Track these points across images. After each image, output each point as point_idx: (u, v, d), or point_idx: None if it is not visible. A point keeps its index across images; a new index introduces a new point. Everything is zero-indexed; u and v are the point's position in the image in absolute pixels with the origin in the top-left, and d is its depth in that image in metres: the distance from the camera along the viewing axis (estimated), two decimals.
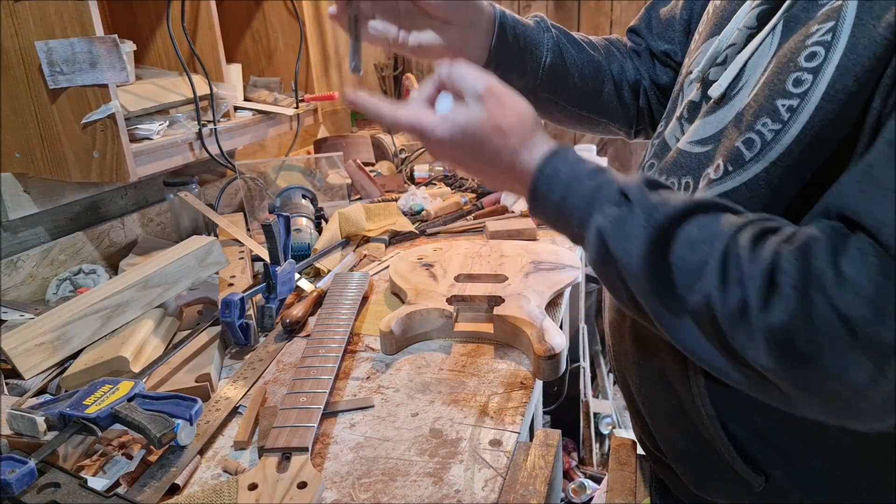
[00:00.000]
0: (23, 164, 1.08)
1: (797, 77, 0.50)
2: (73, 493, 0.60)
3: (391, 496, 0.63)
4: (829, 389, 0.43)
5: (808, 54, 0.49)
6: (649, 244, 0.49)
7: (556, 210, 0.56)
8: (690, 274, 0.47)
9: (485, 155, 0.58)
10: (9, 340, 0.82)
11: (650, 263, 0.49)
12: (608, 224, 0.52)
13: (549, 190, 0.56)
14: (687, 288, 0.48)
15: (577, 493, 1.81)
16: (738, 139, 0.54)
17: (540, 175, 0.57)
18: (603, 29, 2.49)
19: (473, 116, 0.57)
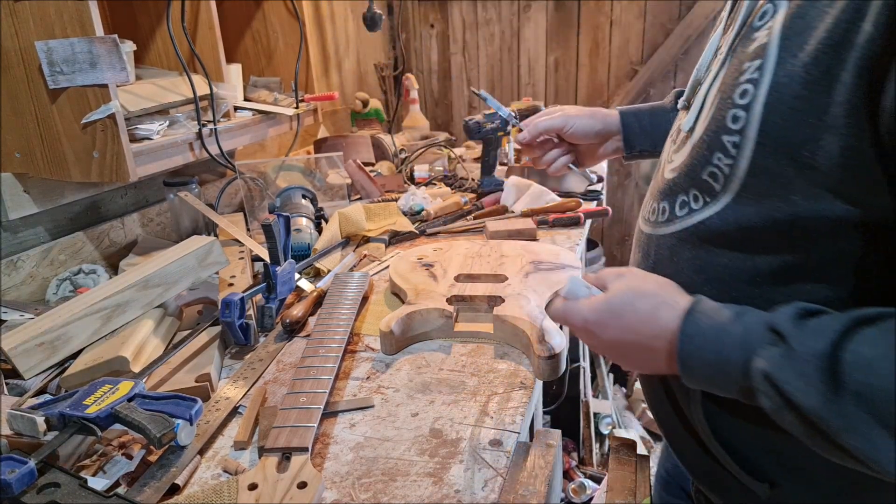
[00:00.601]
0: (23, 164, 1.08)
1: (734, 114, 0.52)
2: (73, 494, 0.60)
3: (391, 496, 0.63)
4: None
5: (741, 92, 0.52)
6: (824, 377, 0.44)
7: (711, 367, 0.52)
8: (885, 392, 0.42)
9: (629, 320, 0.57)
10: (9, 340, 0.82)
11: (833, 399, 0.44)
12: (771, 367, 0.47)
13: (699, 349, 0.52)
14: (887, 409, 0.42)
15: (577, 493, 1.81)
16: (703, 172, 0.56)
17: (684, 336, 0.53)
18: (603, 29, 2.50)
19: (616, 288, 0.59)
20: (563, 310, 0.63)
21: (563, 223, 1.41)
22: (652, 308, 0.56)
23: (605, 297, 0.60)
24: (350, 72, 2.36)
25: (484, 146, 1.66)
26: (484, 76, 2.74)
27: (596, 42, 2.53)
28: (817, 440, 0.47)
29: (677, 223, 0.60)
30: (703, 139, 0.57)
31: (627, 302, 0.58)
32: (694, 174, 0.58)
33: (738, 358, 0.49)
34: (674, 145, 0.65)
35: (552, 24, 2.57)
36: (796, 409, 0.46)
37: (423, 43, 2.78)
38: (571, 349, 1.94)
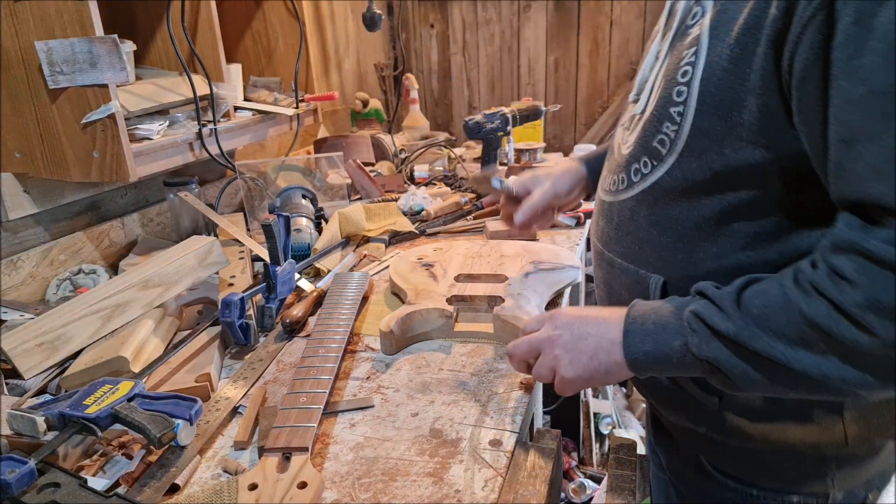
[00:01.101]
0: (23, 164, 1.08)
1: (678, 90, 0.65)
2: (72, 494, 0.60)
3: (391, 496, 0.63)
4: None
5: (682, 72, 0.65)
6: (733, 305, 0.58)
7: (652, 333, 0.64)
8: (778, 310, 0.56)
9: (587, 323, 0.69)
10: (9, 340, 0.82)
11: (741, 319, 0.57)
12: (698, 308, 0.61)
13: (643, 323, 0.65)
14: (783, 324, 0.55)
15: (577, 493, 1.81)
16: (654, 140, 0.69)
17: (628, 316, 0.66)
18: (603, 30, 2.49)
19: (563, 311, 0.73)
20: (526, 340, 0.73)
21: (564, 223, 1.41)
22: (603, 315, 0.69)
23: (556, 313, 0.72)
24: (350, 72, 2.36)
25: (484, 146, 1.66)
26: (484, 76, 2.74)
27: (596, 42, 2.53)
28: (742, 359, 0.58)
29: (634, 188, 0.72)
30: (653, 114, 0.69)
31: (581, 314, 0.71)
32: (646, 144, 0.70)
33: (673, 316, 0.62)
34: (627, 131, 0.77)
35: (552, 24, 2.57)
36: (720, 334, 0.58)
37: (423, 43, 2.78)
38: None
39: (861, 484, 0.75)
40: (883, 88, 0.49)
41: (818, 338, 0.53)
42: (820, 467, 0.72)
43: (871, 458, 0.73)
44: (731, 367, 0.59)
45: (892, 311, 0.50)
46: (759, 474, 0.75)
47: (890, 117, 0.49)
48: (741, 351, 0.58)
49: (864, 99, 0.50)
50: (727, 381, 0.60)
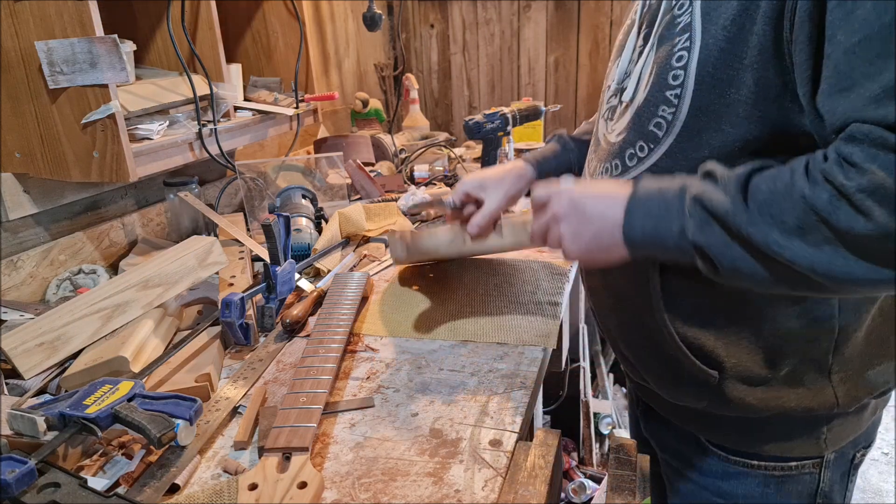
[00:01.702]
0: (23, 165, 1.08)
1: (674, 74, 0.67)
2: (72, 494, 0.60)
3: (391, 496, 0.63)
4: None
5: (677, 57, 0.67)
6: (741, 189, 0.58)
7: (655, 211, 0.64)
8: (783, 196, 0.56)
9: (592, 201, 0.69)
10: (9, 340, 0.82)
11: (742, 203, 0.58)
12: (700, 191, 0.61)
13: (645, 201, 0.65)
14: (785, 210, 0.55)
15: (577, 493, 1.81)
16: (649, 124, 0.70)
17: (631, 197, 0.66)
18: (603, 29, 2.49)
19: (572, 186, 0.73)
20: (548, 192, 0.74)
21: None
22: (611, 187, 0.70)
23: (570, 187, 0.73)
24: (350, 72, 2.36)
25: (484, 146, 1.66)
26: (484, 76, 2.74)
27: (596, 42, 2.52)
28: (734, 247, 0.58)
29: (630, 172, 0.74)
30: (648, 99, 0.71)
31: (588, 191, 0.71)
32: (641, 128, 0.72)
33: (676, 198, 0.62)
34: (611, 121, 0.79)
35: (552, 24, 2.57)
36: (718, 219, 0.59)
37: (423, 43, 2.78)
38: (572, 349, 1.94)
39: (849, 443, 0.79)
40: (877, 31, 0.51)
41: (815, 225, 0.54)
42: (813, 429, 0.76)
43: (857, 417, 0.78)
44: (721, 254, 0.59)
45: (894, 198, 0.50)
46: (758, 443, 0.78)
47: (887, 55, 0.51)
48: (735, 237, 0.58)
49: (860, 45, 0.52)
50: (714, 268, 0.61)
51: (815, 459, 0.78)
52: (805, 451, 0.78)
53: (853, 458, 0.81)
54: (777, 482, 0.80)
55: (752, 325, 0.72)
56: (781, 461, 0.79)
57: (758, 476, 0.80)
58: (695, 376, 0.75)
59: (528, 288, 1.08)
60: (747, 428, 0.78)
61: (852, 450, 0.81)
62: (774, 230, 0.56)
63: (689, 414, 0.81)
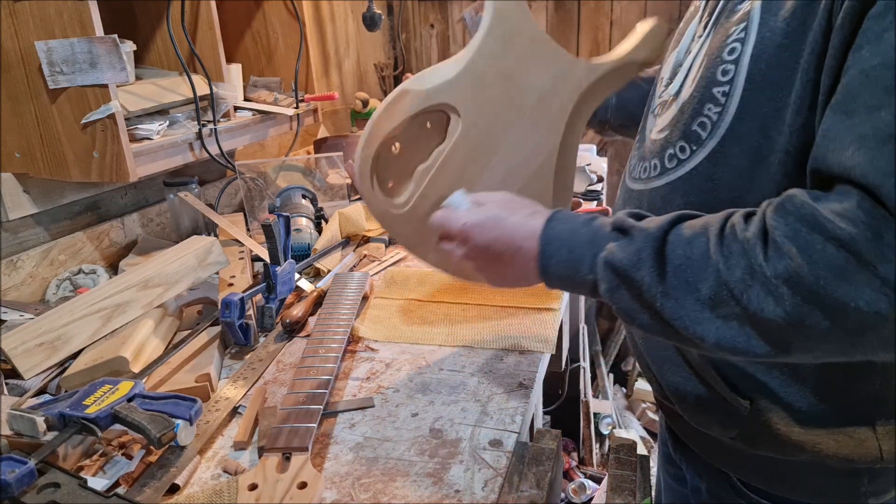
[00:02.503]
0: (23, 165, 1.08)
1: (724, 68, 0.61)
2: (72, 494, 0.60)
3: (391, 496, 0.63)
4: (847, 323, 0.47)
5: (729, 49, 0.61)
6: (654, 254, 0.55)
7: (566, 265, 0.62)
8: (698, 265, 0.53)
9: (507, 225, 0.65)
10: (9, 340, 0.82)
11: (659, 272, 0.55)
12: (610, 254, 0.58)
13: (557, 248, 0.62)
14: (699, 279, 0.53)
15: (577, 494, 1.81)
16: (693, 124, 0.64)
17: (544, 237, 0.63)
18: (603, 29, 2.49)
19: (495, 200, 0.69)
20: (444, 216, 0.70)
21: None
22: (527, 216, 0.66)
23: (486, 207, 0.68)
24: (350, 72, 2.35)
25: None
26: None
27: (596, 42, 2.52)
28: (640, 316, 0.57)
29: (669, 175, 0.68)
30: (694, 96, 0.65)
31: (506, 209, 0.67)
32: (684, 127, 0.66)
33: (588, 253, 0.60)
34: (658, 117, 0.73)
35: (552, 24, 2.57)
36: (629, 284, 0.56)
37: (423, 43, 2.78)
38: (572, 349, 1.94)
39: (892, 496, 0.72)
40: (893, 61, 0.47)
41: (725, 300, 0.51)
42: (853, 481, 0.69)
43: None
44: (633, 316, 0.58)
45: (808, 290, 0.47)
46: (790, 489, 0.72)
47: (891, 91, 0.47)
48: (645, 306, 0.56)
49: (875, 69, 0.48)
50: (629, 322, 0.59)
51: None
52: (842, 499, 0.71)
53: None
54: None
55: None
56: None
57: None
58: (724, 403, 0.68)
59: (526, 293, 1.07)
60: (778, 470, 0.71)
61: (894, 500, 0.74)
62: (686, 304, 0.53)
63: (714, 445, 0.75)
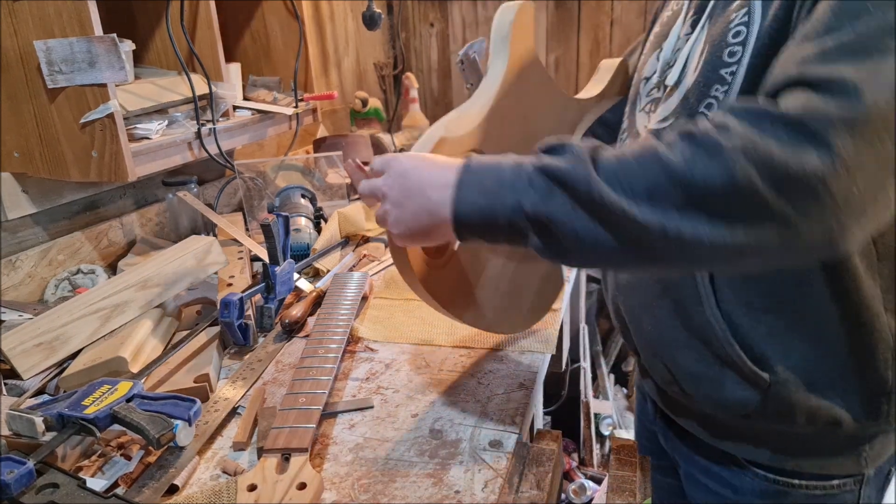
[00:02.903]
0: (21, 164, 1.08)
1: (730, 50, 0.65)
2: (71, 494, 0.60)
3: (391, 497, 0.63)
4: (794, 191, 0.48)
5: (734, 33, 0.65)
6: (590, 155, 0.55)
7: (488, 182, 0.59)
8: (637, 157, 0.53)
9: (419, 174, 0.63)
10: (7, 340, 0.82)
11: (596, 168, 0.54)
12: (546, 162, 0.56)
13: (479, 172, 0.60)
14: (642, 167, 0.53)
15: (578, 494, 1.81)
16: (699, 107, 0.67)
17: (464, 166, 0.61)
18: (603, 29, 2.49)
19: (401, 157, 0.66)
20: (368, 183, 0.68)
21: None
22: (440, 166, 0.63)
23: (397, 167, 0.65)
24: (349, 71, 2.35)
25: None
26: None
27: (597, 41, 2.52)
28: (579, 214, 0.54)
29: None
30: (699, 80, 0.68)
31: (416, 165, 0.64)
32: (690, 110, 0.68)
33: (513, 172, 0.57)
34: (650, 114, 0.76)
35: (552, 24, 2.57)
36: (564, 185, 0.54)
37: (422, 42, 2.78)
38: (572, 349, 1.94)
39: (887, 459, 0.77)
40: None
41: (670, 185, 0.51)
42: (855, 447, 0.73)
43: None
44: (566, 224, 0.54)
45: (758, 156, 0.48)
46: (796, 459, 0.75)
47: (852, 15, 0.50)
48: (585, 203, 0.53)
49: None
50: (556, 242, 0.56)
51: (855, 477, 0.76)
52: (845, 470, 0.75)
53: (888, 473, 0.80)
54: (819, 500, 0.76)
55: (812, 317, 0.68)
56: (823, 479, 0.76)
57: (798, 496, 0.77)
58: (743, 378, 0.71)
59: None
60: (787, 443, 0.74)
61: (889, 465, 0.79)
62: (626, 192, 0.52)
63: (724, 428, 0.78)
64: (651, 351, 0.81)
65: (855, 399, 0.69)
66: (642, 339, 0.82)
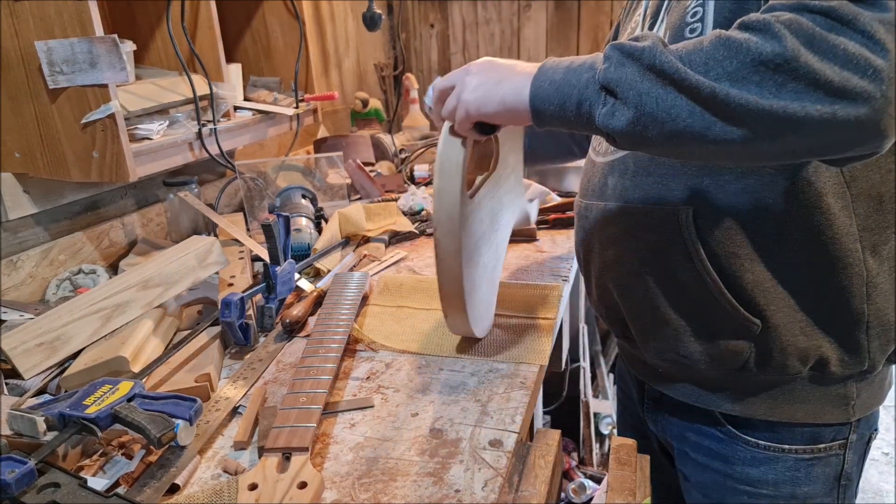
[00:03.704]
0: (23, 164, 1.08)
1: (690, 28, 0.69)
2: (72, 494, 0.60)
3: (391, 496, 0.63)
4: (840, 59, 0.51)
5: (692, 13, 0.69)
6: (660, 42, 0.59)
7: (571, 62, 0.65)
8: (698, 43, 0.57)
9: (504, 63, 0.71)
10: (9, 340, 0.82)
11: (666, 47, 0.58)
12: (620, 42, 0.61)
13: (557, 61, 0.66)
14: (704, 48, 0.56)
15: (578, 494, 1.81)
16: None
17: (548, 60, 0.67)
18: (603, 29, 2.49)
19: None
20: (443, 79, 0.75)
21: (564, 223, 1.41)
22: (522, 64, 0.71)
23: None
24: (350, 71, 2.35)
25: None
26: None
27: (596, 41, 2.52)
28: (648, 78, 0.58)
29: None
30: None
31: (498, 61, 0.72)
32: None
33: (591, 58, 0.63)
34: None
35: (552, 24, 2.57)
36: (633, 56, 0.58)
37: (423, 43, 2.78)
38: (572, 349, 1.94)
39: (867, 422, 0.81)
40: None
41: (725, 56, 0.55)
42: (845, 393, 0.77)
43: (879, 386, 0.80)
44: (631, 88, 0.58)
45: (804, 35, 0.52)
46: (789, 407, 0.78)
47: None
48: (650, 69, 0.58)
49: None
50: (622, 107, 0.59)
51: (840, 441, 0.80)
52: (834, 418, 0.78)
53: (868, 440, 0.83)
54: (807, 465, 0.80)
55: (792, 260, 0.72)
56: (812, 441, 0.80)
57: (788, 461, 0.80)
58: (736, 327, 0.74)
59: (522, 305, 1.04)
60: (779, 394, 0.78)
61: (868, 431, 0.82)
62: (685, 62, 0.56)
63: (720, 385, 0.81)
64: (644, 320, 0.83)
65: (837, 336, 0.73)
66: (635, 308, 0.83)
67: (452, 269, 0.76)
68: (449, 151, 0.74)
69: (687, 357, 0.80)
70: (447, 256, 0.75)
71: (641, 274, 0.80)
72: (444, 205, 0.73)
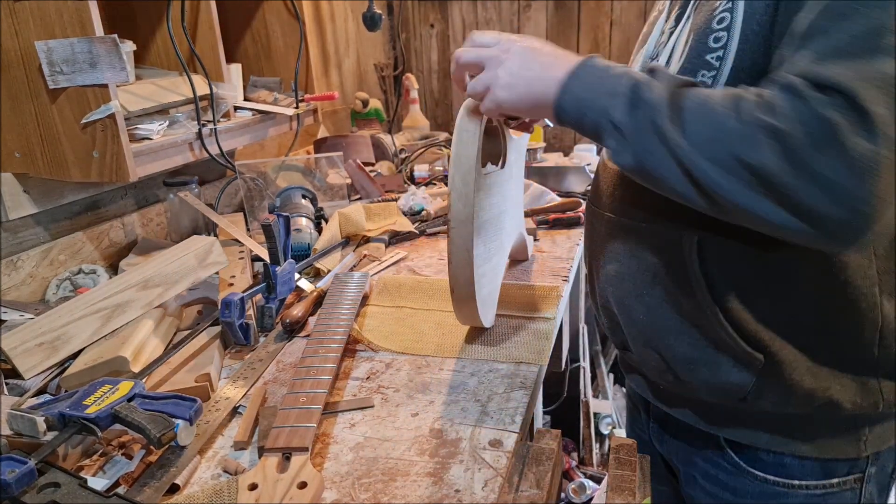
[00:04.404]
0: (23, 164, 1.08)
1: (715, 36, 0.67)
2: (72, 494, 0.60)
3: (391, 496, 0.63)
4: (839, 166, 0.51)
5: (719, 19, 0.67)
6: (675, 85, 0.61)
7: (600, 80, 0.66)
8: (702, 111, 0.58)
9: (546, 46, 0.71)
10: (9, 340, 0.82)
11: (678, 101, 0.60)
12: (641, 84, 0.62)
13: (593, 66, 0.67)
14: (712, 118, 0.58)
15: (577, 494, 1.81)
16: None
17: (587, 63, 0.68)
18: (603, 29, 2.49)
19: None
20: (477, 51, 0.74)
21: (564, 223, 1.41)
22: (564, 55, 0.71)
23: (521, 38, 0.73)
24: (350, 71, 2.35)
25: None
26: None
27: (596, 42, 2.52)
28: (647, 136, 0.60)
29: None
30: (685, 67, 0.70)
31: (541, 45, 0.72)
32: None
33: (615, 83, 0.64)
34: None
35: (552, 24, 2.57)
36: (648, 110, 0.60)
37: (423, 43, 2.78)
38: (572, 349, 1.94)
39: (888, 454, 0.77)
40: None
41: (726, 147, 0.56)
42: (855, 429, 0.74)
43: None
44: (639, 143, 0.61)
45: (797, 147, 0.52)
46: (794, 441, 0.75)
47: (844, 17, 0.54)
48: (656, 134, 0.60)
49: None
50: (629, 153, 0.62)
51: (856, 475, 0.76)
52: (844, 453, 0.75)
53: (892, 473, 0.79)
54: (819, 501, 0.77)
55: (801, 300, 0.69)
56: (823, 477, 0.76)
57: (798, 497, 0.77)
58: (738, 360, 0.72)
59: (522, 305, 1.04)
60: (784, 426, 0.75)
61: (891, 463, 0.78)
62: (684, 131, 0.58)
63: (721, 414, 0.78)
64: (643, 340, 0.80)
65: (847, 378, 0.70)
66: (634, 329, 0.81)
67: (463, 236, 0.80)
68: (468, 124, 0.78)
69: (687, 384, 0.78)
70: (458, 225, 0.80)
71: (642, 296, 0.78)
72: (460, 168, 0.79)
